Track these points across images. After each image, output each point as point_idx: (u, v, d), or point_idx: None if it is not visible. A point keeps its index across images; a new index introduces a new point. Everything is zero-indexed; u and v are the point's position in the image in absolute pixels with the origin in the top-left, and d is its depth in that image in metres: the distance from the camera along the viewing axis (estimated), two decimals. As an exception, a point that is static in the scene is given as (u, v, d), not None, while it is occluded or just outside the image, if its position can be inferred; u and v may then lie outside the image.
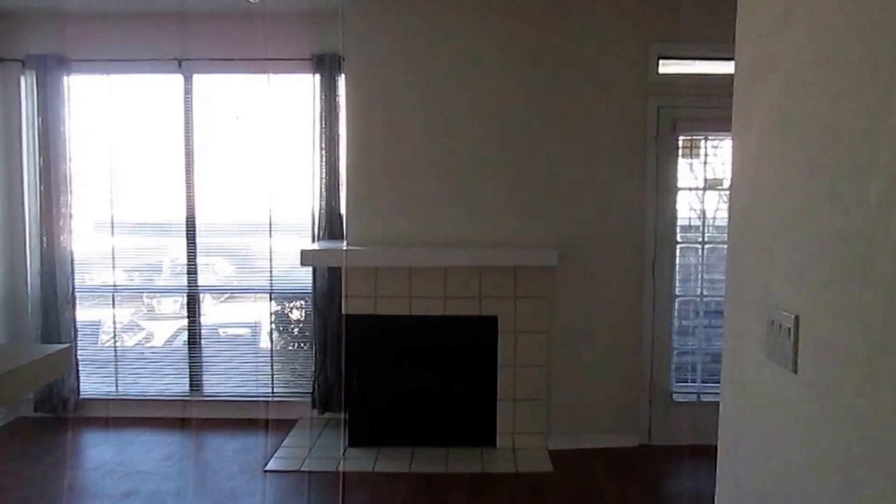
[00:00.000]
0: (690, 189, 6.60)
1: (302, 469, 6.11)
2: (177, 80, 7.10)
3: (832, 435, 1.64)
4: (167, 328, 7.62)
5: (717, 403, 2.45)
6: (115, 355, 7.41)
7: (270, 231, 7.16)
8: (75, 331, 7.20)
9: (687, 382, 6.73)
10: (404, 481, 5.90)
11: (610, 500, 5.62)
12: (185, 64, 7.02)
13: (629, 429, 6.62)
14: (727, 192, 5.20)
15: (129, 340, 7.64)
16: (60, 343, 6.99)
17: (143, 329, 7.68)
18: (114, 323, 7.43)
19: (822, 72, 1.74)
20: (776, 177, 2.01)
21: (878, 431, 1.44)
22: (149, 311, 7.69)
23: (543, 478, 5.98)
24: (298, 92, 7.06)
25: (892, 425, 1.39)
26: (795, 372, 1.84)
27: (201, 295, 7.36)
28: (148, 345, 7.66)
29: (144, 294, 7.63)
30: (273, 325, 7.40)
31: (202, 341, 7.37)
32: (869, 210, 1.49)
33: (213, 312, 7.52)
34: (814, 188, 1.77)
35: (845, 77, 1.63)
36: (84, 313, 7.39)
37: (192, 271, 7.28)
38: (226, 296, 7.59)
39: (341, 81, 6.78)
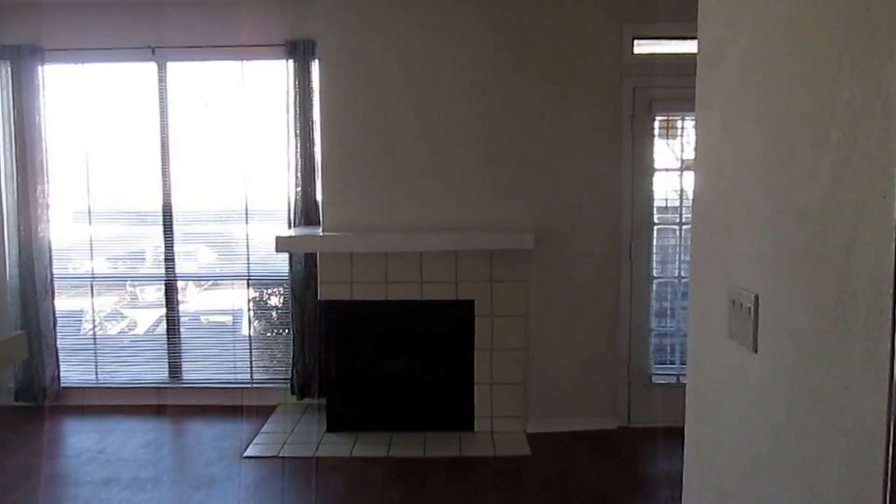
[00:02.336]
0: (668, 170, 6.58)
1: (280, 455, 6.13)
2: (151, 68, 7.09)
3: (792, 415, 1.65)
4: (150, 316, 7.61)
5: (693, 385, 2.45)
6: (95, 344, 7.43)
7: (247, 218, 7.17)
8: (54, 320, 7.20)
9: (665, 364, 6.72)
10: (382, 466, 5.91)
11: (588, 482, 5.63)
12: (158, 51, 7.00)
13: (608, 411, 6.62)
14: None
15: (113, 329, 7.65)
16: (41, 332, 7.04)
17: (126, 317, 7.69)
18: (93, 311, 7.44)
19: (778, 49, 1.74)
20: (736, 156, 2.01)
21: (833, 411, 1.45)
22: (132, 299, 7.69)
23: (522, 461, 5.99)
24: (272, 78, 7.03)
25: (845, 407, 1.39)
26: (755, 351, 1.84)
27: (180, 283, 7.37)
28: (131, 333, 7.67)
29: (128, 282, 7.63)
30: (251, 312, 7.41)
31: (181, 329, 7.38)
32: (822, 188, 1.49)
33: (192, 300, 7.53)
34: (771, 167, 1.77)
35: (800, 54, 1.62)
36: (66, 302, 7.41)
37: (169, 259, 7.29)
38: (205, 284, 7.59)
39: (315, 67, 6.76)
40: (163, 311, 7.39)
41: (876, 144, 1.28)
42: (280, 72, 6.90)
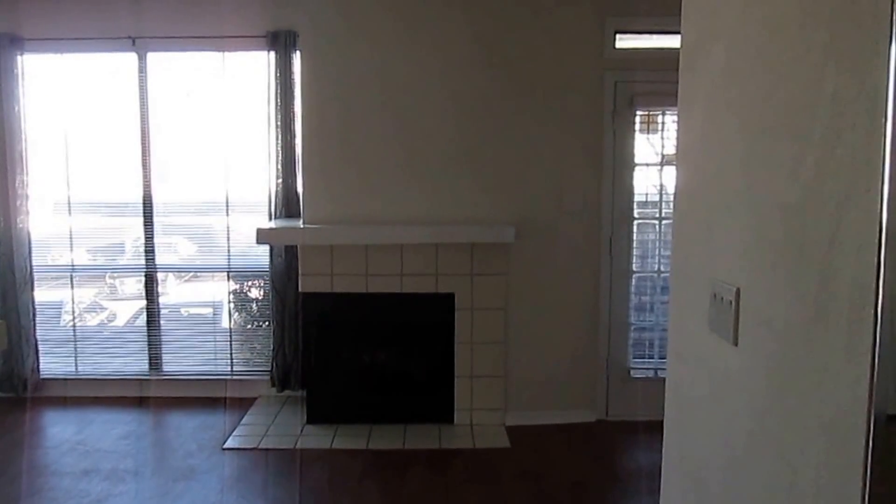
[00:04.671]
0: (648, 164, 6.60)
1: (260, 447, 6.14)
2: (131, 58, 7.04)
3: (772, 408, 1.66)
4: (130, 308, 7.59)
5: (672, 378, 2.47)
6: (75, 335, 7.40)
7: (227, 210, 7.14)
8: (34, 311, 7.17)
9: (644, 358, 6.76)
10: (362, 458, 5.93)
11: (567, 475, 5.66)
12: (139, 42, 6.95)
13: (586, 405, 6.65)
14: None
15: (92, 320, 7.62)
16: (20, 323, 7.01)
17: (106, 309, 7.66)
18: (72, 303, 7.41)
19: (761, 43, 1.74)
20: (719, 149, 2.02)
21: (813, 406, 1.46)
22: (111, 291, 7.67)
23: (501, 454, 6.02)
24: (254, 70, 7.00)
25: (826, 400, 1.41)
26: (736, 344, 1.85)
27: (160, 274, 7.34)
28: (111, 324, 7.65)
29: (107, 274, 7.61)
30: (232, 304, 7.40)
31: (161, 320, 7.36)
32: (805, 182, 1.49)
33: (172, 292, 7.51)
34: (753, 161, 1.77)
35: (783, 48, 1.63)
36: (45, 294, 7.37)
37: (149, 251, 7.26)
38: (186, 276, 7.57)
39: (297, 59, 6.74)
40: (142, 302, 7.37)
41: (860, 138, 1.29)
42: (261, 63, 6.88)
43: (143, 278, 7.33)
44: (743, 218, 1.83)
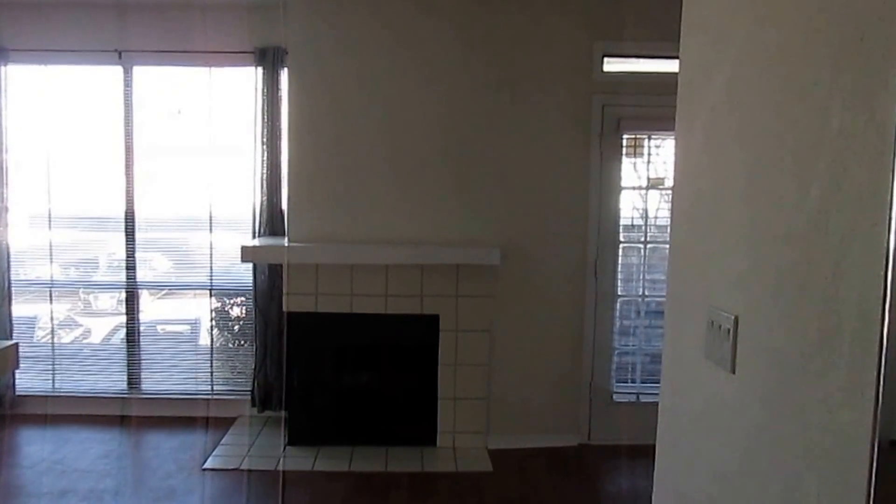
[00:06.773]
0: (634, 188, 6.60)
1: (241, 467, 6.06)
2: (116, 71, 6.98)
3: (769, 436, 1.66)
4: (105, 324, 7.50)
5: (657, 403, 2.47)
6: (53, 352, 7.30)
7: (211, 227, 7.06)
8: (11, 326, 7.07)
9: (627, 383, 6.76)
10: (344, 480, 5.88)
11: (549, 499, 5.65)
12: (124, 55, 6.89)
13: (569, 428, 6.63)
14: (669, 192, 5.21)
15: (66, 337, 7.52)
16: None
17: (81, 325, 7.56)
18: (51, 318, 7.31)
19: (765, 75, 1.75)
20: (718, 178, 2.02)
21: (813, 433, 1.46)
22: (85, 306, 7.57)
23: (483, 477, 5.99)
24: (240, 85, 6.96)
25: (827, 427, 1.41)
26: (733, 372, 1.86)
27: (140, 291, 7.26)
28: (85, 341, 7.55)
29: (81, 290, 7.51)
30: (213, 323, 7.32)
31: (141, 338, 7.26)
32: (809, 214, 1.50)
33: (152, 309, 7.42)
34: (755, 191, 1.78)
35: (788, 80, 1.63)
36: (20, 308, 7.25)
37: (130, 267, 7.17)
38: (165, 292, 7.49)
39: (284, 75, 6.71)
40: (119, 319, 7.28)
41: (867, 172, 1.31)
42: (248, 79, 6.84)
43: (121, 294, 7.24)
44: (743, 247, 1.84)
